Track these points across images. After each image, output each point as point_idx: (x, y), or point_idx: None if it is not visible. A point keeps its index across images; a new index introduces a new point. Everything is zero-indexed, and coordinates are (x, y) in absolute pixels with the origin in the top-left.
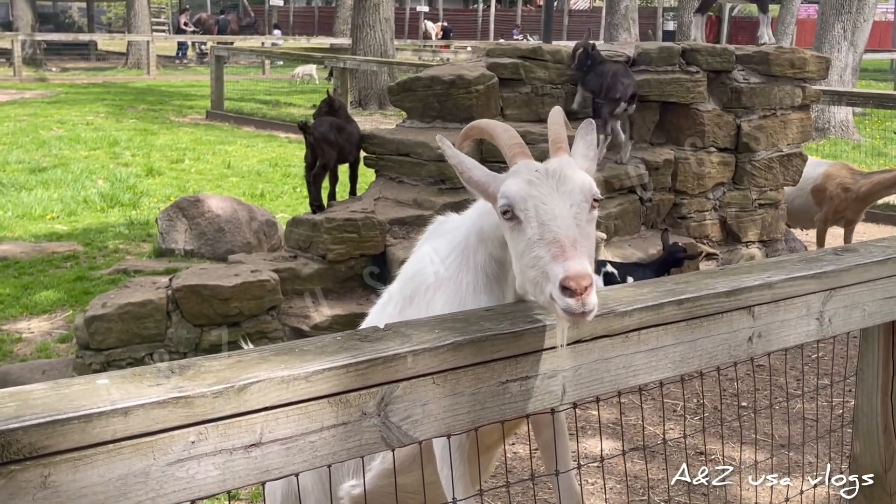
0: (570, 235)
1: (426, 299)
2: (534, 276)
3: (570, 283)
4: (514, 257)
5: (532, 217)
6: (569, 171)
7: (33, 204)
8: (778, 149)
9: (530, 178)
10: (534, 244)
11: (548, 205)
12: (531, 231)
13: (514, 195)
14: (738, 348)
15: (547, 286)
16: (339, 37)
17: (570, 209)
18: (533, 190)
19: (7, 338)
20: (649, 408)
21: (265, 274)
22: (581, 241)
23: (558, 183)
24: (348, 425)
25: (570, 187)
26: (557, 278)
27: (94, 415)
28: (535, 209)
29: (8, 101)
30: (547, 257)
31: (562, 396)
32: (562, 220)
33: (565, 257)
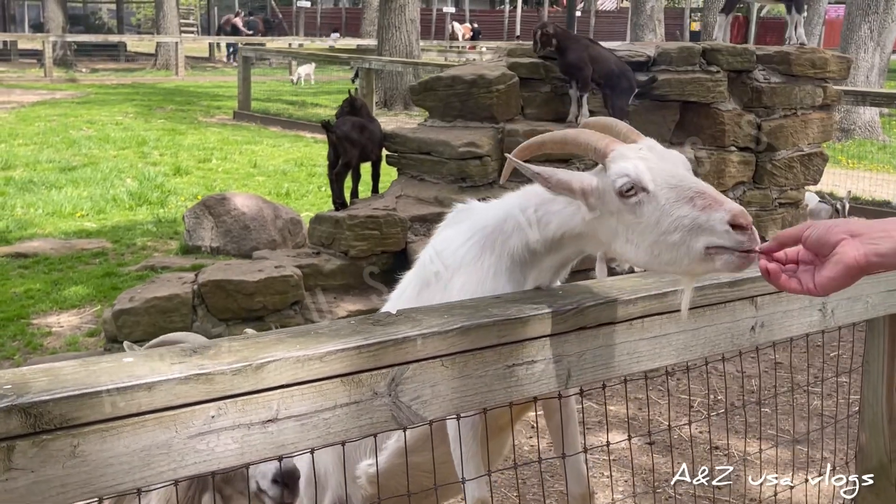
0: (708, 186)
1: (443, 281)
2: (678, 238)
3: (741, 220)
4: (635, 234)
5: (662, 184)
6: (662, 147)
7: (63, 202)
8: (799, 148)
9: (640, 155)
10: (672, 207)
11: (670, 170)
12: (664, 197)
13: (634, 171)
14: (741, 337)
15: (700, 239)
16: (366, 38)
17: (687, 171)
18: (650, 162)
19: (37, 332)
20: (664, 402)
21: (288, 269)
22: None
23: (663, 154)
24: (360, 404)
25: (675, 157)
26: (724, 220)
27: (120, 389)
28: (662, 178)
29: (39, 101)
30: (694, 212)
31: (567, 380)
32: (691, 180)
33: (720, 203)
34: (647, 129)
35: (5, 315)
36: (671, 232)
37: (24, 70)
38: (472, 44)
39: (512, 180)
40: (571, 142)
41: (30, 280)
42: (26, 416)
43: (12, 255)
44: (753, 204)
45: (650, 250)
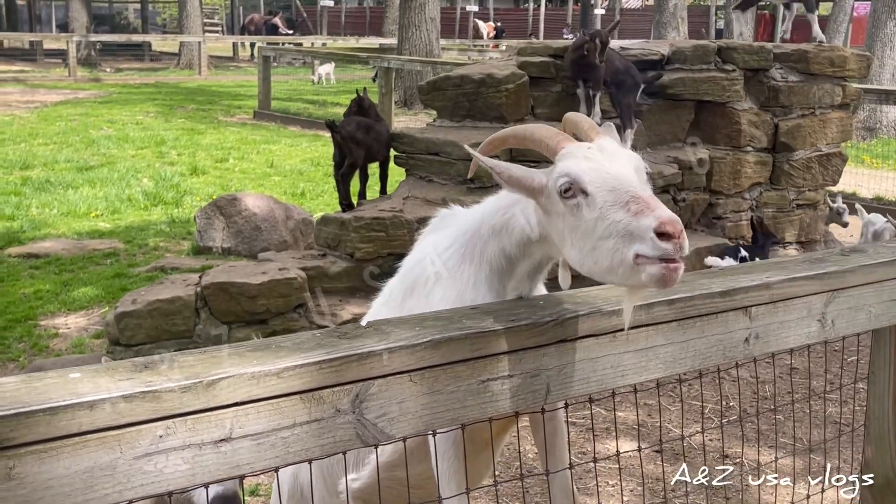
0: (645, 193)
1: (426, 291)
2: (612, 246)
3: (667, 228)
4: (577, 238)
5: (600, 186)
6: (617, 147)
7: (78, 202)
8: (817, 148)
9: (586, 154)
10: (607, 211)
11: (612, 172)
12: (601, 200)
13: (575, 171)
14: (734, 349)
15: (632, 247)
16: (388, 37)
17: (633, 173)
18: (593, 163)
19: (44, 333)
20: (676, 409)
21: (292, 272)
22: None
23: (612, 155)
24: (322, 422)
25: (625, 157)
26: (651, 227)
27: (59, 408)
28: (602, 178)
29: (62, 100)
30: (627, 217)
31: (546, 395)
32: (632, 182)
33: (651, 208)
34: (661, 128)
35: (13, 316)
36: (606, 238)
37: (48, 70)
38: (494, 42)
39: None
40: (529, 137)
41: (40, 281)
42: None
43: (24, 255)
44: (770, 205)
45: (591, 256)
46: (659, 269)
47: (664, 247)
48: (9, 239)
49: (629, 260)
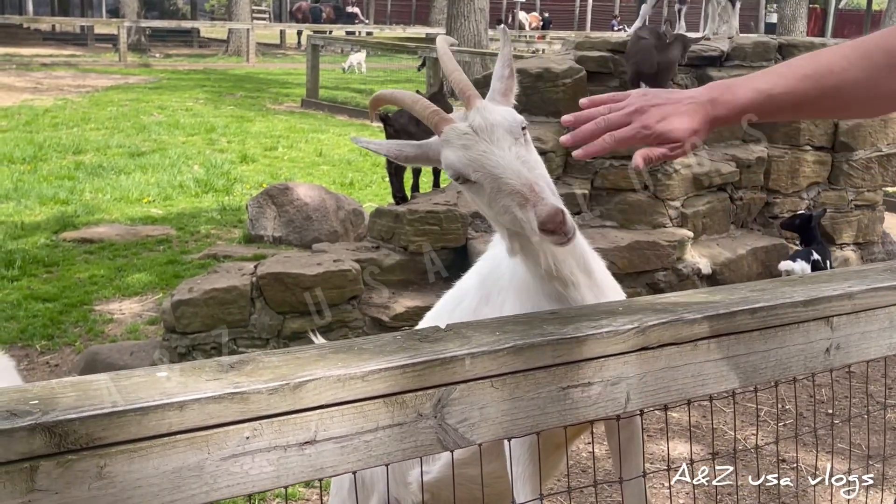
0: (524, 180)
1: (500, 300)
2: (509, 220)
3: (548, 226)
4: (483, 208)
5: (483, 176)
6: (491, 118)
7: (131, 188)
8: (877, 148)
9: (463, 143)
10: (496, 196)
11: (491, 159)
12: (488, 187)
13: (457, 164)
14: (815, 360)
15: (525, 226)
16: (435, 27)
17: (510, 152)
18: (471, 153)
19: (99, 318)
20: (730, 411)
21: (347, 263)
22: (534, 178)
23: (489, 134)
24: (404, 426)
25: (500, 132)
26: (533, 223)
27: (150, 408)
28: (483, 167)
29: (112, 85)
30: (513, 205)
31: (625, 404)
32: (510, 169)
33: (532, 203)
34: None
35: (69, 301)
36: (502, 214)
37: (99, 55)
38: (540, 33)
39: None
40: (409, 107)
41: (94, 266)
42: (51, 436)
43: (79, 240)
44: (828, 205)
45: (495, 219)
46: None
47: (549, 238)
48: (63, 223)
49: (528, 230)
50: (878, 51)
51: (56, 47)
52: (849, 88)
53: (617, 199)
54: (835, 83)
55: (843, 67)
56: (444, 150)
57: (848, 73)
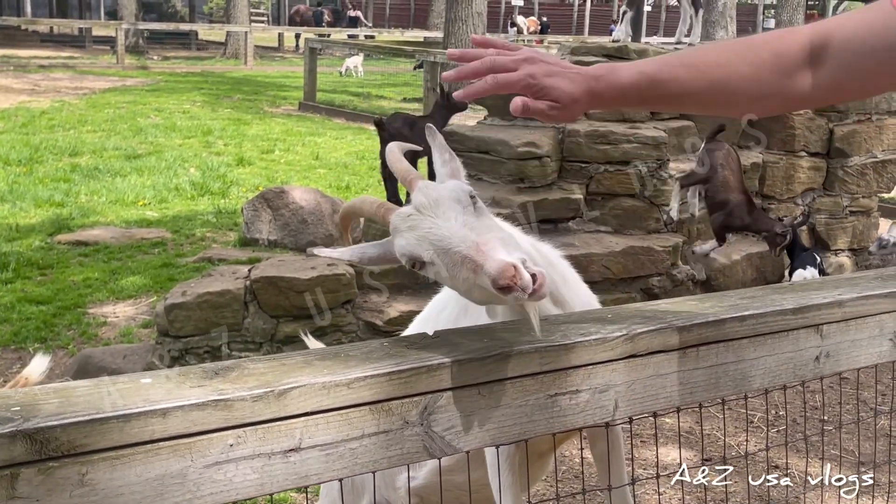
0: (471, 243)
1: (478, 311)
2: (478, 295)
3: (500, 283)
4: (454, 288)
5: (434, 252)
6: (434, 193)
7: (126, 190)
8: (872, 154)
9: (409, 225)
10: (454, 270)
11: (437, 233)
12: (442, 262)
13: (407, 249)
14: (804, 368)
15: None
16: (434, 30)
17: (456, 221)
18: (417, 232)
19: (93, 321)
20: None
21: (341, 268)
22: (484, 240)
23: (434, 210)
24: (390, 433)
25: (446, 206)
26: (489, 286)
27: (132, 415)
28: (431, 244)
29: (110, 87)
30: (470, 275)
31: (613, 412)
32: (456, 237)
33: (481, 266)
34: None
35: (62, 303)
36: (468, 288)
37: (97, 57)
38: (539, 38)
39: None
40: (358, 213)
41: (88, 268)
42: (32, 442)
43: (73, 242)
44: (823, 211)
45: (468, 297)
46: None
47: (511, 296)
48: (58, 225)
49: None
50: (766, 50)
51: (54, 49)
52: (735, 82)
53: (611, 203)
54: (721, 76)
55: (728, 60)
56: (394, 240)
57: (734, 66)
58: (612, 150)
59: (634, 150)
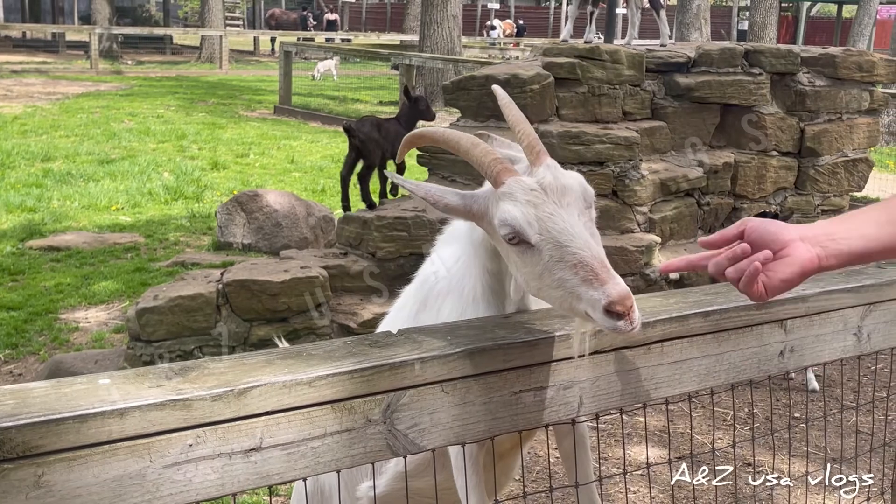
0: (595, 254)
1: (437, 305)
2: (561, 296)
3: (617, 308)
4: (529, 277)
5: (545, 240)
6: (564, 180)
7: (99, 195)
8: (843, 153)
9: (529, 199)
10: (554, 267)
11: (559, 224)
12: (548, 254)
13: (518, 221)
14: (769, 363)
15: (580, 305)
16: (410, 33)
17: (579, 220)
18: (538, 211)
19: (65, 326)
20: (699, 416)
21: (314, 270)
22: (604, 256)
23: (559, 196)
24: (352, 432)
25: (572, 197)
26: (600, 303)
27: (89, 415)
28: (548, 231)
29: (83, 92)
30: (575, 280)
31: (578, 408)
32: (579, 238)
33: (601, 281)
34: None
35: (34, 309)
36: (554, 287)
37: (70, 62)
38: (515, 41)
39: None
40: (464, 154)
41: (60, 274)
42: None
43: (45, 248)
44: (795, 210)
45: (538, 292)
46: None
47: (616, 324)
48: (30, 231)
49: (580, 312)
50: None
51: (27, 54)
52: None
53: None
54: None
55: None
56: (503, 202)
57: None
58: (585, 150)
59: (607, 150)
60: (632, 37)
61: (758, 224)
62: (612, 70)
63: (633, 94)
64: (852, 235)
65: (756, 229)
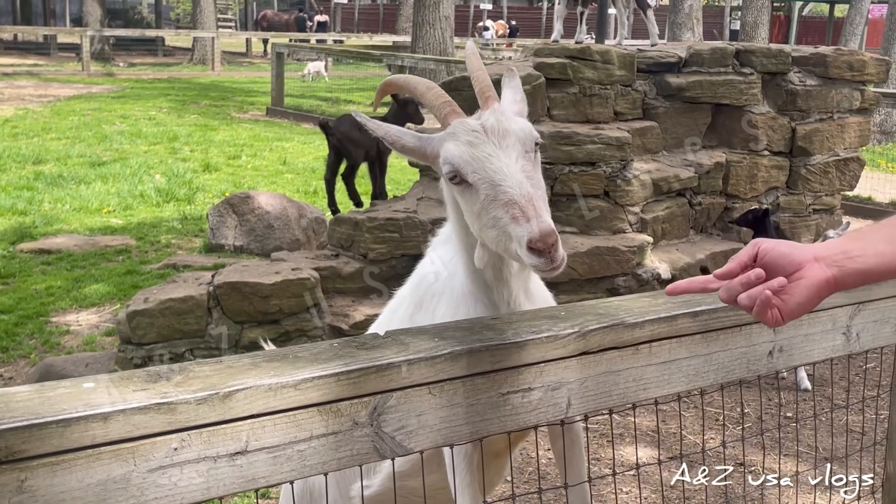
0: (525, 193)
1: (432, 306)
2: (495, 236)
3: (537, 245)
4: (470, 217)
5: (481, 179)
6: (506, 123)
7: (91, 197)
8: (834, 153)
9: (470, 139)
10: (489, 205)
11: (494, 164)
12: (483, 192)
13: (457, 159)
14: (758, 363)
15: (511, 244)
16: (402, 35)
17: (516, 163)
18: (476, 151)
19: (56, 330)
20: (690, 415)
21: (305, 272)
22: (536, 195)
23: (499, 138)
24: (339, 435)
25: (511, 140)
26: (523, 240)
27: (72, 419)
28: (483, 170)
29: (75, 95)
30: (506, 218)
31: (567, 409)
32: (512, 178)
33: (526, 217)
34: (678, 131)
35: (24, 312)
36: (489, 227)
37: (62, 64)
38: (508, 41)
39: None
40: (419, 94)
41: (51, 277)
42: None
43: (36, 251)
44: (787, 210)
45: (479, 235)
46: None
47: (535, 260)
48: (21, 234)
49: (513, 252)
50: None
51: (18, 56)
52: None
53: (576, 205)
54: None
55: None
56: (446, 142)
57: None
58: (577, 150)
59: (598, 150)
60: (623, 37)
61: (771, 246)
62: (603, 70)
63: (624, 95)
64: (867, 253)
65: (769, 252)
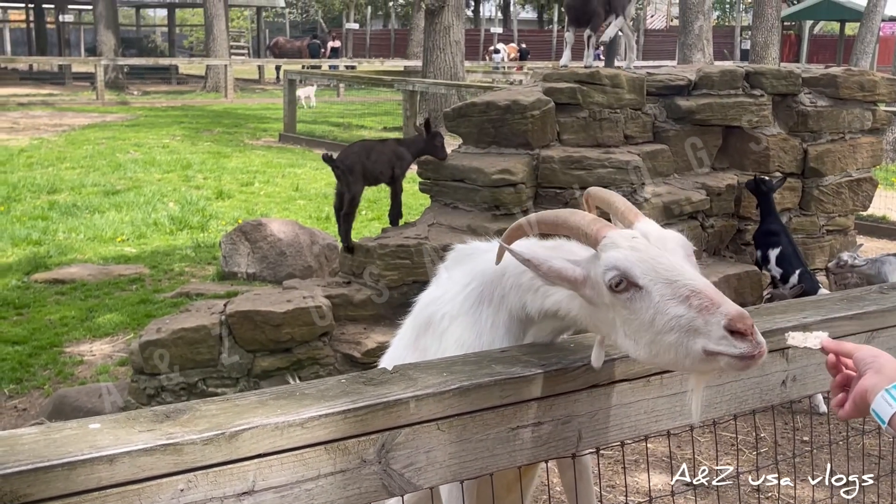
0: (706, 283)
1: (440, 329)
2: (675, 339)
3: (739, 326)
4: (639, 329)
5: (655, 279)
6: (663, 231)
7: (104, 226)
8: (847, 173)
9: (632, 245)
10: (665, 306)
11: (665, 263)
12: (658, 293)
13: (625, 263)
14: (771, 392)
15: (698, 341)
16: (413, 59)
17: (686, 262)
18: (642, 253)
19: (69, 360)
20: (707, 440)
21: (317, 300)
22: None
23: (661, 243)
24: (347, 473)
25: (672, 245)
26: (720, 325)
27: (77, 462)
28: (655, 271)
29: (89, 124)
30: (690, 313)
31: (577, 443)
32: (688, 273)
33: (715, 303)
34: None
35: (38, 343)
36: (667, 332)
37: (77, 93)
38: (518, 64)
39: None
40: (563, 224)
41: (65, 307)
42: None
43: (50, 280)
44: (800, 231)
45: (649, 349)
46: (740, 364)
47: (738, 346)
48: (35, 264)
49: (698, 353)
50: None
51: (33, 86)
52: None
53: None
54: None
55: None
56: (606, 252)
57: None
58: (587, 175)
59: (609, 174)
60: (632, 60)
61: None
62: (612, 94)
63: (634, 118)
64: None
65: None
